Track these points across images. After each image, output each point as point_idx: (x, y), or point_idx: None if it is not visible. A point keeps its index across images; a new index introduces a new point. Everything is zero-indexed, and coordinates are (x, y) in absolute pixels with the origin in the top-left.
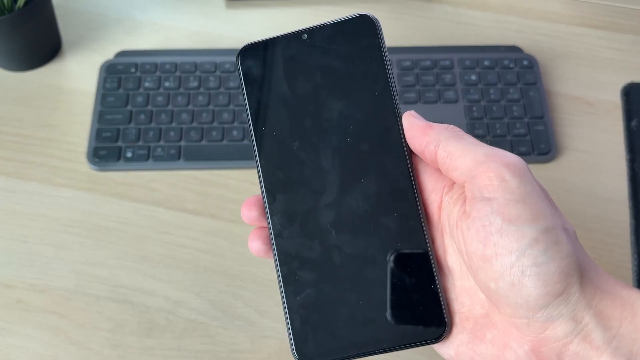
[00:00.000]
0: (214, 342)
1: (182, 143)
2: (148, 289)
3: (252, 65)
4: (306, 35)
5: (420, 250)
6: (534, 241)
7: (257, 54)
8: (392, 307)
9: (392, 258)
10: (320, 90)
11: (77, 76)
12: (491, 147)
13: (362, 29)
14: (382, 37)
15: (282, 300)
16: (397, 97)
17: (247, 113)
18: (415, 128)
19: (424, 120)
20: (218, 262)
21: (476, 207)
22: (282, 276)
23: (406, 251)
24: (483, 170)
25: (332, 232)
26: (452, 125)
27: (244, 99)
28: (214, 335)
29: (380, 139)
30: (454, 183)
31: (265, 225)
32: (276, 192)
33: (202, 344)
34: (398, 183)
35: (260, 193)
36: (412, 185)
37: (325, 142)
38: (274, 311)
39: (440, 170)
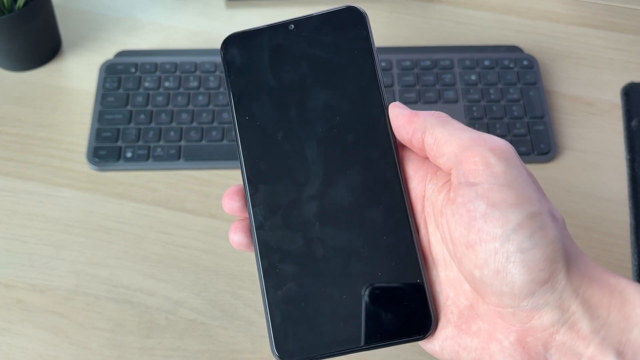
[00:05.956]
0: (214, 342)
1: (182, 143)
2: (148, 289)
3: (237, 54)
4: (293, 26)
5: (405, 244)
6: (518, 226)
7: (242, 43)
8: (376, 303)
9: (377, 252)
10: (306, 81)
11: (77, 76)
12: (478, 131)
13: (350, 21)
14: (370, 29)
15: (263, 294)
16: (384, 89)
17: (230, 102)
18: (401, 117)
19: (410, 109)
20: (218, 262)
21: (461, 193)
22: (262, 269)
23: (391, 245)
24: (468, 155)
25: (315, 225)
26: (438, 112)
27: (228, 88)
28: (213, 335)
29: (366, 130)
30: (436, 170)
31: (248, 216)
32: (258, 182)
33: (202, 344)
34: (384, 174)
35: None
36: (398, 176)
37: (310, 133)
38: None
39: (424, 159)
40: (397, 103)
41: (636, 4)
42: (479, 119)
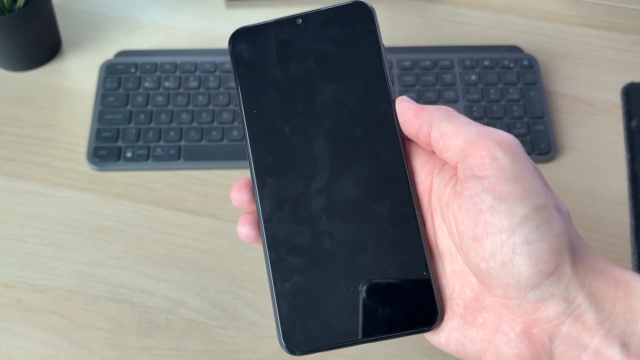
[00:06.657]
0: (214, 342)
1: (182, 143)
2: (148, 289)
3: (245, 48)
4: (300, 20)
5: (412, 237)
6: (524, 219)
7: (250, 38)
8: (383, 295)
9: (383, 245)
10: (313, 75)
11: (77, 76)
12: (484, 126)
13: (357, 15)
14: (377, 23)
15: (270, 286)
16: (391, 83)
17: (238, 96)
18: (408, 111)
19: (417, 103)
20: (218, 262)
21: (467, 186)
22: (270, 262)
23: (398, 238)
24: (475, 149)
25: (322, 218)
26: (444, 106)
27: (236, 82)
28: (214, 335)
29: (373, 124)
30: (443, 164)
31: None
32: (266, 176)
33: (202, 344)
34: (391, 168)
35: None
36: (405, 170)
37: (317, 127)
38: None
39: (430, 153)
40: (403, 97)
41: (636, 4)
42: (479, 119)
